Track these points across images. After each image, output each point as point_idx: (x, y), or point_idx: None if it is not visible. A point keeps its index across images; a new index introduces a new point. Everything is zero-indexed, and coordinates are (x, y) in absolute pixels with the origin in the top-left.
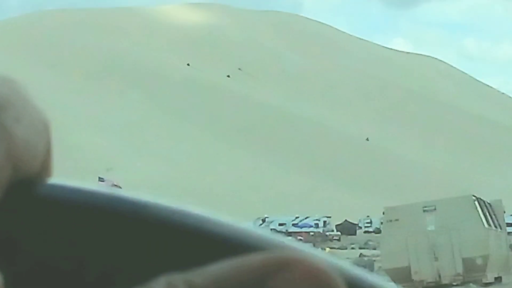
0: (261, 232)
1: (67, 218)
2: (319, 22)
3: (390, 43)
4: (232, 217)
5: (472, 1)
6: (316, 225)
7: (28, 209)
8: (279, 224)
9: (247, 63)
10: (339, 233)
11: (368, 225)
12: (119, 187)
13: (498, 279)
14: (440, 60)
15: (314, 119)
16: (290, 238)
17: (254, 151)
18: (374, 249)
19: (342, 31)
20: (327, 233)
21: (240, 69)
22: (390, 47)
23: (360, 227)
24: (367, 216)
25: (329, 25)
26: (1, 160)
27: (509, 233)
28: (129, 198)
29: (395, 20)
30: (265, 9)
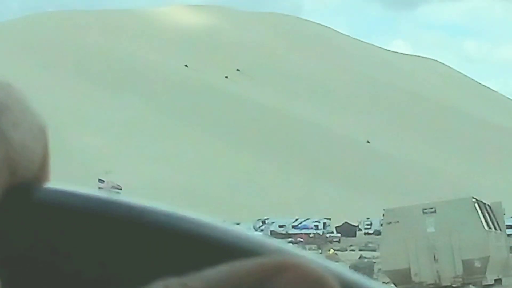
0: (257, 236)
1: (64, 223)
2: (318, 24)
3: (390, 45)
4: (232, 218)
5: (472, 3)
6: (316, 227)
7: (25, 213)
8: (279, 226)
9: (246, 64)
10: (339, 235)
11: (368, 227)
12: (119, 188)
13: (498, 281)
14: (440, 62)
15: (314, 121)
16: (287, 242)
17: (253, 152)
18: (374, 250)
19: (341, 33)
20: (327, 235)
21: (239, 70)
22: (390, 49)
23: (360, 229)
24: (367, 218)
25: (329, 27)
26: None
27: (509, 235)
28: (126, 202)
29: (395, 22)
30: (265, 11)
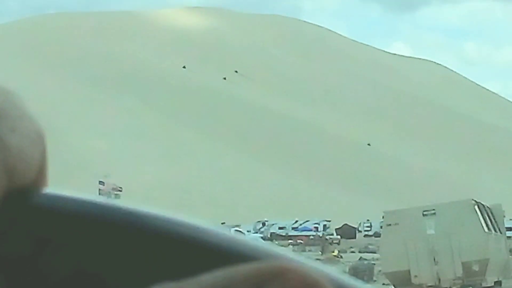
0: (254, 241)
1: (62, 227)
2: (318, 26)
3: (390, 47)
4: (232, 220)
5: (472, 6)
6: (316, 229)
7: (23, 218)
8: (279, 228)
9: (245, 66)
10: (338, 236)
11: (368, 228)
12: (120, 190)
13: (498, 283)
14: (440, 64)
15: (313, 122)
16: (287, 244)
17: (252, 154)
18: (374, 252)
19: (341, 35)
20: (327, 237)
21: (237, 72)
22: (390, 51)
23: (360, 231)
24: (367, 220)
25: (329, 29)
26: None
27: (508, 237)
28: (123, 207)
29: (395, 24)
30: (265, 13)
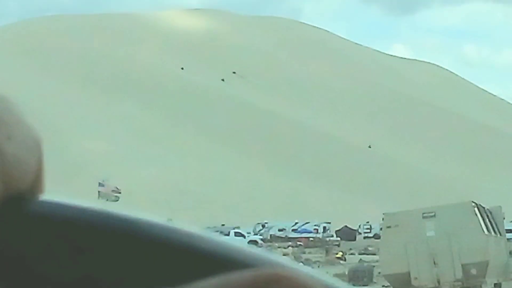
0: (249, 248)
1: (58, 235)
2: (317, 27)
3: (389, 49)
4: (231, 222)
5: (472, 7)
6: (316, 231)
7: (19, 225)
8: (279, 230)
9: (243, 68)
10: (338, 238)
11: (368, 230)
12: (119, 192)
13: (498, 285)
14: (440, 66)
15: (313, 124)
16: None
17: (251, 156)
18: (374, 254)
19: (341, 37)
20: (327, 239)
21: (235, 73)
22: (390, 53)
23: (360, 233)
24: (367, 221)
25: (328, 31)
26: None
27: (508, 239)
28: (118, 214)
29: (394, 26)
30: (264, 15)
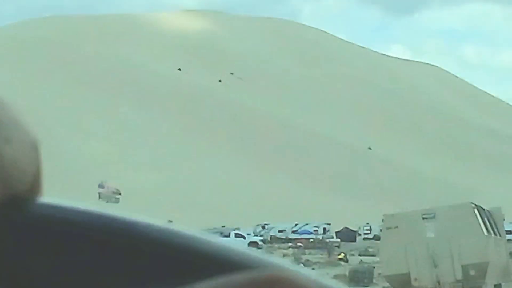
0: (248, 250)
1: (57, 237)
2: (316, 28)
3: (389, 50)
4: (231, 224)
5: (472, 9)
6: (316, 232)
7: (18, 228)
8: (279, 231)
9: (241, 69)
10: (338, 240)
11: (368, 232)
12: (119, 193)
13: (498, 286)
14: (439, 67)
15: (312, 126)
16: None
17: (250, 157)
18: (374, 255)
19: (340, 38)
20: (327, 240)
21: (232, 74)
22: (389, 54)
23: (360, 234)
24: (367, 223)
25: (327, 32)
26: None
27: (508, 240)
28: (117, 217)
29: (394, 27)
30: (263, 16)
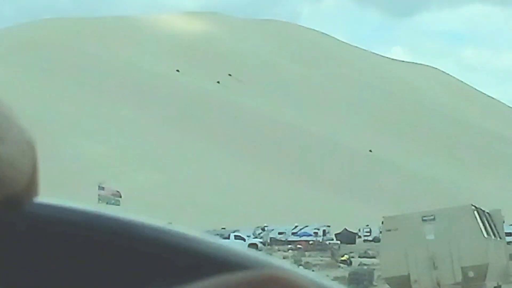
0: (245, 250)
1: (54, 237)
2: (316, 30)
3: (388, 52)
4: (231, 226)
5: (471, 10)
6: (316, 234)
7: (14, 227)
8: (279, 233)
9: (240, 70)
10: (338, 242)
11: (368, 234)
12: (120, 196)
13: None
14: (439, 69)
15: (311, 127)
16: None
17: (249, 159)
18: (374, 258)
19: (340, 40)
20: (327, 242)
21: (231, 75)
22: (389, 56)
23: (360, 236)
24: (367, 225)
25: (327, 34)
26: None
27: (508, 242)
28: (114, 216)
29: (394, 29)
30: (263, 18)
